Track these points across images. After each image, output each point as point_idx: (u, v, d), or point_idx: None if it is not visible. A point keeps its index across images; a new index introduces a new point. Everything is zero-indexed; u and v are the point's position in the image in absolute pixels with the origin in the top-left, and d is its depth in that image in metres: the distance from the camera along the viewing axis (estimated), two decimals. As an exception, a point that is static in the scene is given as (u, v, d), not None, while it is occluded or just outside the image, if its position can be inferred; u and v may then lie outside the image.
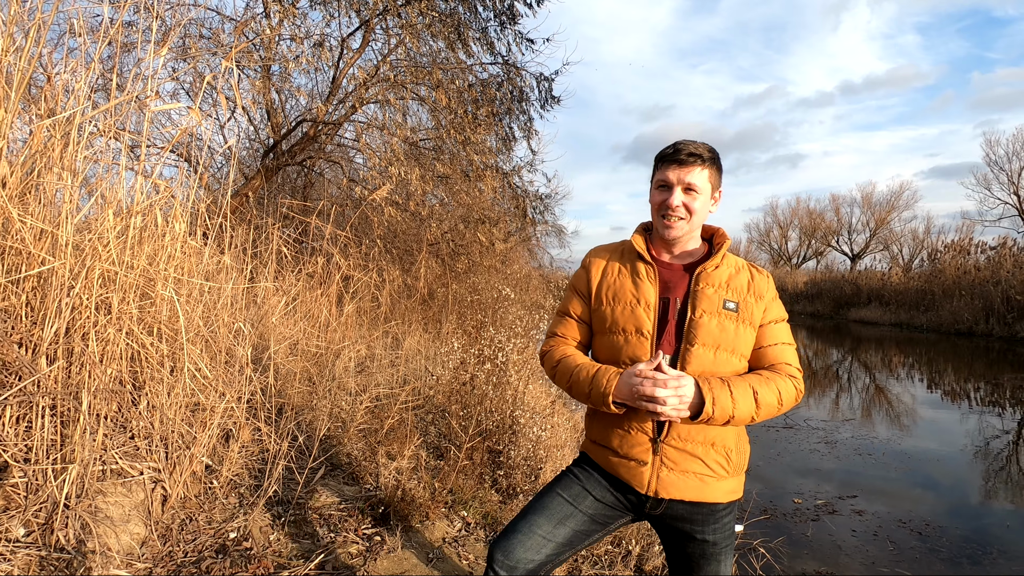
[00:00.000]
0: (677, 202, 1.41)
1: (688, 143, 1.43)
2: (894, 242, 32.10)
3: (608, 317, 1.46)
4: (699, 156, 1.41)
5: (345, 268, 5.05)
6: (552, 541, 1.40)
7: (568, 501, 1.44)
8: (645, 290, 1.43)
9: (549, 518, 1.42)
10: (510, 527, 1.44)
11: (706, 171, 1.43)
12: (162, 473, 2.16)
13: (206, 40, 5.18)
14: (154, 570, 1.90)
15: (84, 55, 2.29)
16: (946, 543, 3.52)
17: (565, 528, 1.42)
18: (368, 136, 6.30)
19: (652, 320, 1.40)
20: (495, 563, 1.38)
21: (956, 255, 18.52)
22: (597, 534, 1.47)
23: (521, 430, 3.47)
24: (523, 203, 7.76)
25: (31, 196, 2.07)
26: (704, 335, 1.37)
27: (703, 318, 1.38)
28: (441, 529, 2.69)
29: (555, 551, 1.41)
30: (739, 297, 1.42)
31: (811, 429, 6.16)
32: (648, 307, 1.42)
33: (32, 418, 1.85)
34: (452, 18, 5.90)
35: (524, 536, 1.40)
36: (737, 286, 1.43)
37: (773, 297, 1.47)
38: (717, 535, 1.40)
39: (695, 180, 1.41)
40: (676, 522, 1.41)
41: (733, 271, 1.46)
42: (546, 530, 1.41)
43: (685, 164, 1.41)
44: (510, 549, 1.39)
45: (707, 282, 1.42)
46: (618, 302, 1.46)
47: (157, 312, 2.31)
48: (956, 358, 11.97)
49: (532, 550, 1.38)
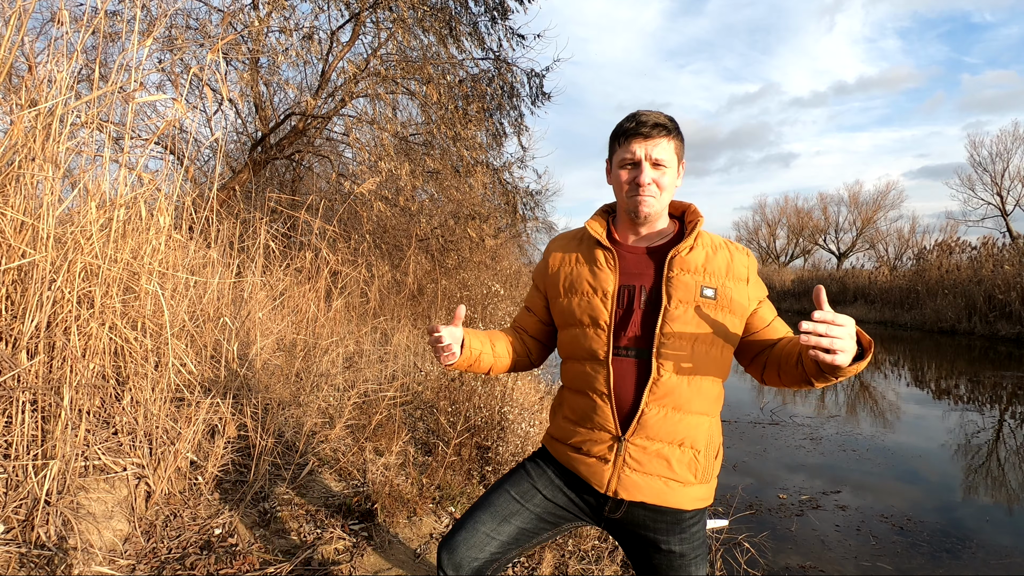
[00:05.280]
0: (648, 179, 1.28)
1: (649, 113, 1.30)
2: (880, 241, 32.48)
3: (566, 309, 1.37)
4: (664, 127, 1.29)
5: (333, 263, 5.01)
6: (495, 539, 1.35)
7: (515, 498, 1.38)
8: (603, 279, 1.32)
9: (493, 515, 1.37)
10: (456, 525, 1.39)
11: (672, 142, 1.31)
12: (146, 469, 2.13)
13: (193, 31, 5.11)
14: (137, 567, 1.88)
15: (67, 44, 2.25)
16: (927, 538, 3.58)
17: (510, 526, 1.36)
18: (358, 130, 6.25)
19: (610, 310, 1.30)
20: (441, 563, 1.34)
21: (940, 254, 18.78)
22: (546, 533, 1.40)
23: (509, 426, 3.48)
24: (513, 199, 7.75)
25: (11, 188, 2.03)
26: (681, 327, 1.25)
27: (679, 308, 1.26)
28: (428, 525, 2.68)
29: (499, 549, 1.35)
30: (717, 282, 1.29)
31: (796, 425, 6.23)
32: (606, 296, 1.31)
33: (12, 413, 1.82)
34: (443, 13, 5.87)
35: (467, 534, 1.35)
36: (715, 269, 1.30)
37: (755, 279, 1.34)
38: (684, 545, 1.31)
39: (662, 154, 1.29)
40: (638, 529, 1.33)
41: (710, 251, 1.32)
42: (490, 527, 1.35)
43: (651, 137, 1.28)
44: (454, 547, 1.34)
45: (682, 267, 1.29)
46: (575, 293, 1.36)
47: (141, 306, 2.28)
48: (939, 356, 12.15)
49: (475, 548, 1.33)
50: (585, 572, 2.59)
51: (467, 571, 1.33)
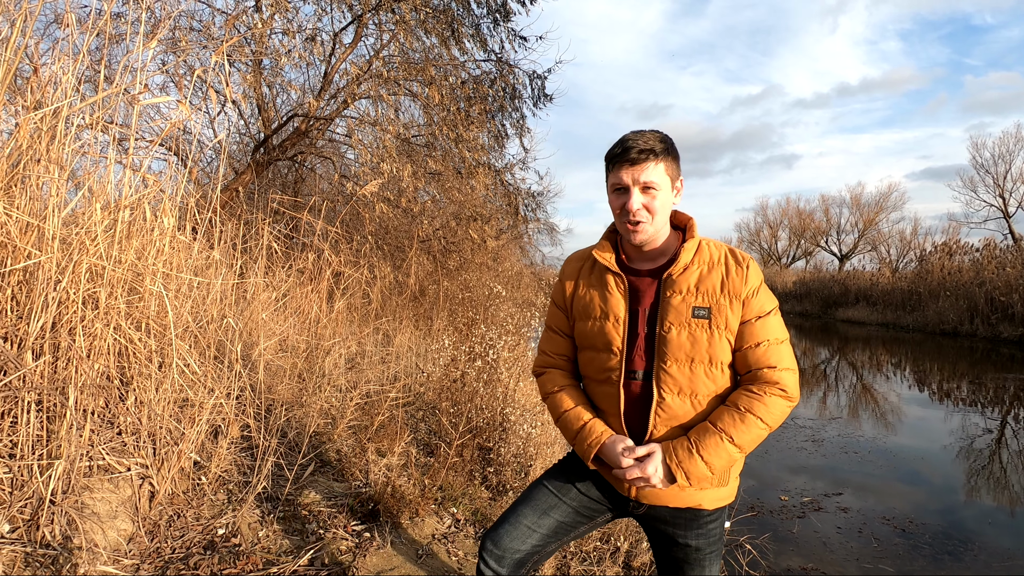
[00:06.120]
0: (637, 205, 1.30)
1: (638, 137, 1.30)
2: (882, 243, 32.45)
3: (581, 332, 1.43)
4: (651, 151, 1.29)
5: (336, 264, 5.02)
6: (537, 531, 1.42)
7: (553, 492, 1.46)
8: (614, 304, 1.35)
9: (534, 508, 1.44)
10: (501, 518, 1.47)
11: (661, 164, 1.31)
12: (150, 469, 2.14)
13: (196, 33, 5.13)
14: (141, 566, 1.89)
15: (72, 46, 2.26)
16: (929, 540, 3.58)
17: (549, 519, 1.43)
18: (360, 132, 6.26)
19: (622, 335, 1.33)
20: (485, 552, 1.41)
21: (942, 256, 18.75)
22: (583, 527, 1.48)
23: (511, 427, 3.48)
24: (515, 200, 7.75)
25: (17, 189, 2.04)
26: (675, 350, 1.28)
27: (671, 331, 1.29)
28: (431, 526, 2.69)
29: (540, 541, 1.42)
30: (711, 301, 1.29)
31: (798, 427, 6.22)
32: (617, 322, 1.34)
33: (17, 413, 1.83)
34: (446, 14, 5.88)
35: (511, 526, 1.42)
36: (708, 288, 1.30)
37: (755, 289, 1.30)
38: (701, 540, 1.37)
39: (652, 177, 1.29)
40: (659, 524, 1.40)
41: (706, 269, 1.31)
42: (531, 520, 1.42)
43: (638, 162, 1.29)
44: (498, 538, 1.41)
45: (674, 289, 1.31)
46: (588, 317, 1.40)
47: (145, 307, 2.29)
48: (941, 358, 12.13)
49: (518, 540, 1.40)
50: (587, 573, 2.59)
51: (509, 562, 1.40)
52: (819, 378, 10.09)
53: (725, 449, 1.25)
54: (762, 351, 1.28)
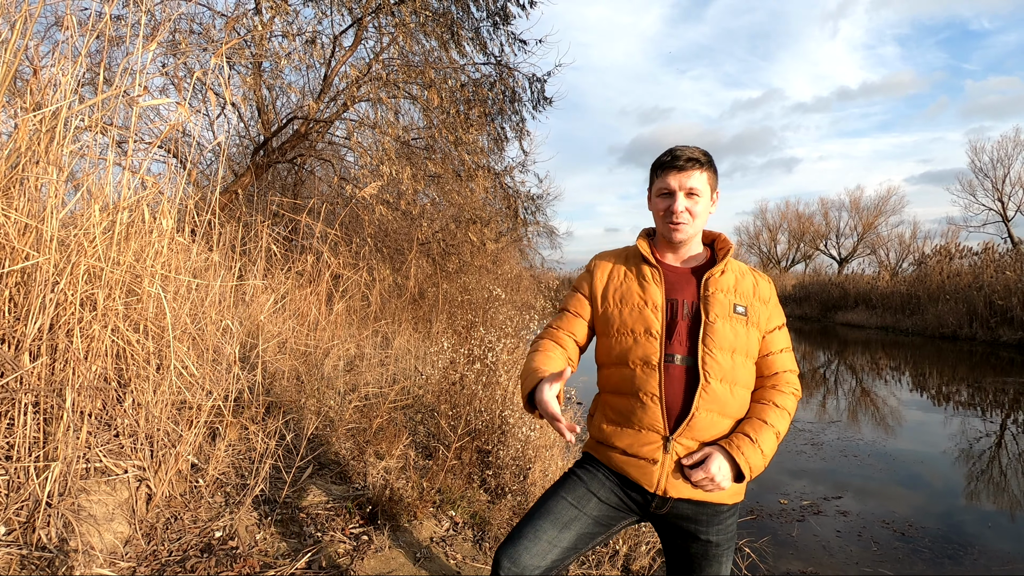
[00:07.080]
0: (681, 207, 1.45)
1: (685, 149, 1.47)
2: (881, 246, 32.47)
3: (616, 319, 1.49)
4: (697, 160, 1.46)
5: (335, 266, 5.03)
6: (558, 546, 1.40)
7: (573, 504, 1.45)
8: (652, 292, 1.47)
9: (554, 523, 1.42)
10: (516, 533, 1.43)
11: (704, 174, 1.47)
12: (147, 471, 2.14)
13: (196, 35, 5.14)
14: (138, 569, 1.88)
15: (71, 49, 2.26)
16: (928, 543, 3.57)
17: (570, 532, 1.42)
18: (360, 134, 6.27)
19: (661, 320, 1.43)
20: (501, 569, 1.38)
21: (941, 260, 18.76)
22: (601, 536, 1.47)
23: (510, 430, 3.47)
24: (514, 203, 7.76)
25: (15, 190, 2.04)
26: (720, 339, 1.40)
27: (717, 322, 1.42)
28: (429, 529, 2.68)
29: (561, 555, 1.40)
30: (747, 301, 1.46)
31: (798, 431, 6.22)
32: (656, 308, 1.45)
33: (14, 415, 1.82)
34: (445, 17, 5.89)
35: (530, 542, 1.39)
36: (744, 291, 1.48)
37: (775, 302, 1.52)
38: (720, 536, 1.42)
39: (696, 184, 1.45)
40: (681, 521, 1.43)
41: (738, 275, 1.50)
42: (551, 535, 1.40)
43: (685, 169, 1.45)
44: (517, 555, 1.38)
45: (716, 287, 1.46)
46: (625, 304, 1.49)
47: (143, 309, 2.29)
48: (940, 361, 12.12)
49: (538, 556, 1.38)
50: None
51: None
52: (819, 381, 10.08)
53: (775, 442, 1.39)
54: (783, 357, 1.49)
